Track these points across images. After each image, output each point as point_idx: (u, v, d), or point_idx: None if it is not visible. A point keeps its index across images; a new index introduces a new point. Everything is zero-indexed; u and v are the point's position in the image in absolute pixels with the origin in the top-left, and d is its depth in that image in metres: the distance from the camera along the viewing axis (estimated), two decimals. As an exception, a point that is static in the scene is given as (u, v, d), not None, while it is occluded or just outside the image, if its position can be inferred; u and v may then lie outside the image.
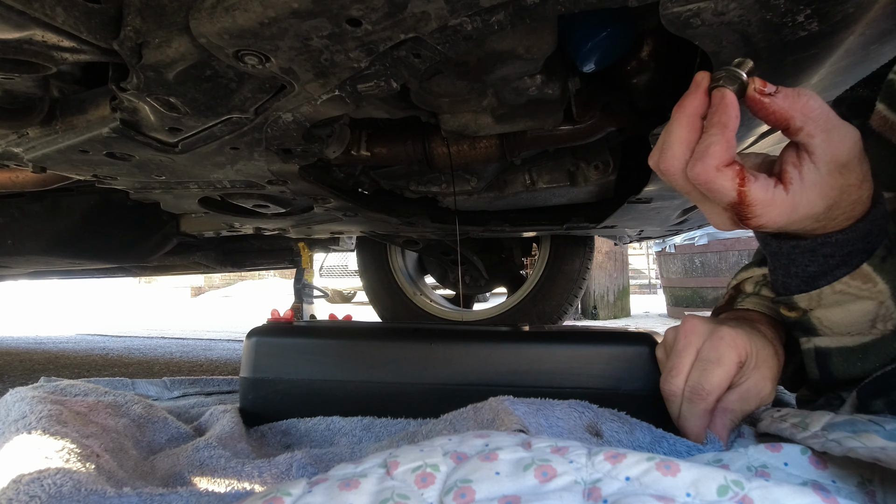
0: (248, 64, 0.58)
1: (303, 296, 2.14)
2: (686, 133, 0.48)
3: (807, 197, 0.48)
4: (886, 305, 0.53)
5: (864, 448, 0.45)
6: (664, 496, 0.38)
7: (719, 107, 0.46)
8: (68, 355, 2.51)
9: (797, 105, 0.46)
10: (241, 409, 0.91)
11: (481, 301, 3.62)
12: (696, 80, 0.48)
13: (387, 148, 0.98)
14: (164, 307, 7.88)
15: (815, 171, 0.47)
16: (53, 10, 0.50)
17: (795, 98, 0.46)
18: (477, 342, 0.90)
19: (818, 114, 0.46)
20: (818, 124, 0.46)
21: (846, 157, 0.47)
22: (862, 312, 0.54)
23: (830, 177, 0.48)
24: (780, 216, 0.48)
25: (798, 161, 0.48)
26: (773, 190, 0.47)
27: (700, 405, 0.59)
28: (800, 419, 0.56)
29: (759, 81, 0.47)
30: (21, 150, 0.81)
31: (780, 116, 0.47)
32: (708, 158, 0.46)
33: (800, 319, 0.58)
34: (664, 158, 0.49)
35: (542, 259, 2.06)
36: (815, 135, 0.46)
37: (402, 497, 0.40)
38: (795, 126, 0.46)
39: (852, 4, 0.48)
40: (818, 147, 0.47)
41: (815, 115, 0.46)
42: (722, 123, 0.46)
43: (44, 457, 0.56)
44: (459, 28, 0.52)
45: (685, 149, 0.48)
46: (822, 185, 0.48)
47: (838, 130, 0.47)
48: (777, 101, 0.46)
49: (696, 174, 0.47)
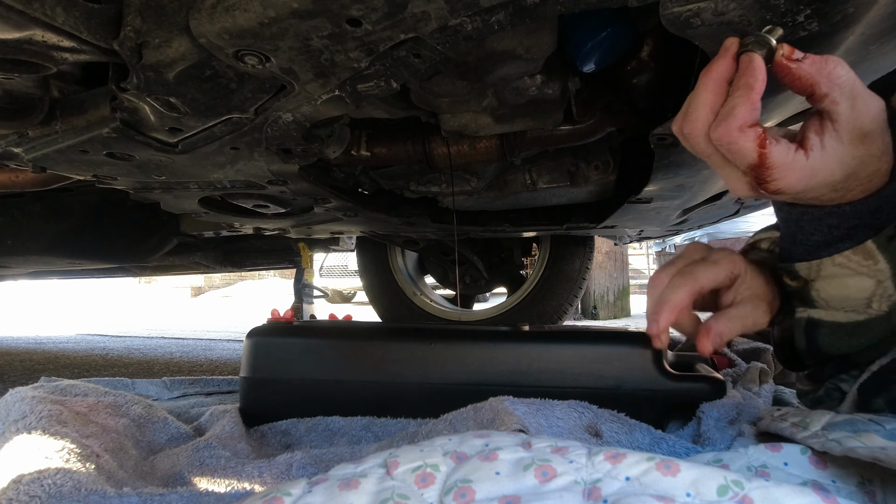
0: (248, 64, 0.58)
1: (303, 296, 2.14)
2: (711, 96, 0.48)
3: (826, 164, 0.47)
4: (885, 285, 0.53)
5: (864, 448, 0.45)
6: (664, 496, 0.38)
7: (747, 69, 0.46)
8: (68, 355, 2.51)
9: (824, 71, 0.46)
10: (241, 409, 0.91)
11: (481, 301, 3.62)
12: (726, 46, 0.48)
13: (387, 148, 0.98)
14: (164, 307, 7.88)
15: (837, 139, 0.47)
16: (53, 10, 0.50)
17: (823, 64, 0.46)
18: (477, 342, 0.90)
19: (844, 80, 0.46)
20: (844, 91, 0.46)
21: (869, 126, 0.47)
22: (859, 289, 0.54)
23: (852, 145, 0.47)
24: (798, 181, 0.48)
25: (821, 128, 0.48)
26: (793, 154, 0.47)
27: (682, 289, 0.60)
28: (800, 419, 0.56)
29: (788, 48, 0.46)
30: (21, 150, 0.81)
31: (807, 82, 0.46)
32: (732, 119, 0.46)
33: (800, 289, 0.58)
34: (688, 121, 0.49)
35: (542, 259, 2.06)
36: (840, 101, 0.46)
37: (402, 497, 0.40)
38: (821, 92, 0.46)
39: (852, 4, 0.48)
40: (842, 114, 0.46)
41: (841, 82, 0.46)
42: (748, 86, 0.46)
43: (44, 457, 0.56)
44: (459, 28, 0.52)
45: (709, 111, 0.48)
46: (843, 154, 0.47)
47: (863, 99, 0.47)
48: (804, 67, 0.46)
49: (719, 135, 0.47)
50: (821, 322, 0.58)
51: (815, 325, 0.59)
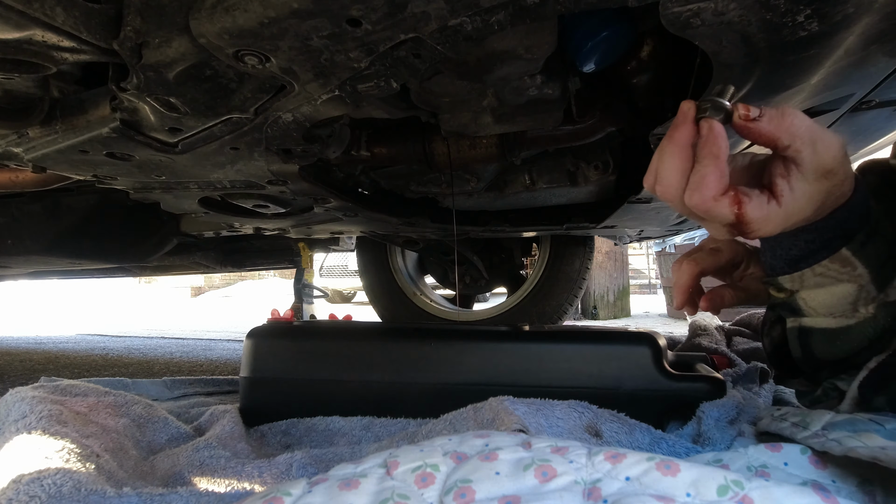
0: (248, 64, 0.58)
1: (303, 296, 2.14)
2: (679, 162, 0.50)
3: (798, 205, 0.50)
4: (867, 289, 0.56)
5: (864, 448, 0.45)
6: (664, 496, 0.38)
7: (708, 138, 0.48)
8: (68, 355, 2.51)
9: (783, 126, 0.48)
10: (241, 409, 0.91)
11: (481, 301, 3.62)
12: (683, 111, 0.50)
13: (387, 148, 0.98)
14: (164, 307, 7.88)
15: (803, 180, 0.50)
16: (53, 10, 0.50)
17: (780, 119, 0.48)
18: (477, 342, 0.90)
19: (803, 130, 0.48)
20: (804, 140, 0.48)
21: (832, 164, 0.50)
22: (843, 295, 0.57)
23: (818, 183, 0.50)
24: (776, 227, 0.51)
25: (786, 172, 0.50)
26: (766, 206, 0.50)
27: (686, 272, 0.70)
28: (800, 418, 0.56)
29: (743, 107, 0.49)
30: (21, 150, 0.81)
31: (768, 138, 0.49)
32: (704, 189, 0.49)
33: (787, 300, 0.61)
34: (661, 187, 0.52)
35: (542, 259, 2.06)
36: (802, 149, 0.49)
37: (402, 497, 0.40)
38: (783, 145, 0.49)
39: (852, 4, 0.48)
40: (805, 159, 0.49)
41: (800, 133, 0.48)
42: (713, 154, 0.48)
43: (44, 457, 0.56)
44: (459, 28, 0.52)
45: (680, 177, 0.50)
46: (811, 192, 0.50)
47: (823, 141, 0.49)
48: (762, 125, 0.49)
49: (694, 204, 0.50)
50: (812, 329, 0.60)
51: (807, 333, 0.61)
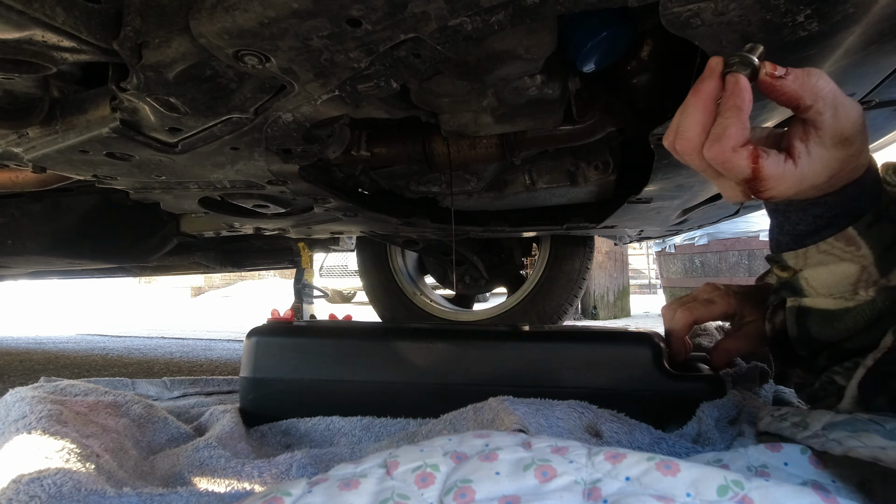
0: (248, 64, 0.58)
1: (303, 296, 2.14)
2: (702, 115, 0.51)
3: (813, 169, 0.51)
4: (869, 270, 0.56)
5: (864, 447, 0.45)
6: (664, 496, 0.38)
7: (734, 90, 0.49)
8: (68, 355, 2.51)
9: (807, 85, 0.49)
10: (241, 409, 0.91)
11: (481, 301, 3.62)
12: (711, 66, 0.51)
13: (387, 148, 0.98)
14: (164, 307, 7.88)
15: (822, 145, 0.50)
16: (53, 10, 0.50)
17: (805, 78, 0.49)
18: (477, 342, 0.90)
19: (826, 92, 0.49)
20: (826, 102, 0.49)
21: (850, 131, 0.50)
22: (845, 275, 0.57)
23: (835, 149, 0.51)
24: (789, 188, 0.52)
25: (805, 136, 0.51)
26: (783, 165, 0.51)
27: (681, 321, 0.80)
28: (800, 419, 0.56)
29: (770, 65, 0.49)
30: (21, 150, 0.81)
31: (791, 97, 0.49)
32: (725, 140, 0.49)
33: (790, 280, 0.61)
34: (681, 140, 0.52)
35: (542, 259, 2.06)
36: (824, 111, 0.49)
37: (402, 497, 0.40)
38: (805, 105, 0.49)
39: (852, 4, 0.48)
40: (826, 122, 0.49)
41: (823, 94, 0.49)
42: (737, 107, 0.49)
43: (44, 457, 0.56)
44: (459, 28, 0.52)
45: (701, 130, 0.51)
46: (828, 158, 0.51)
47: (844, 107, 0.49)
48: (787, 83, 0.49)
49: (713, 155, 0.50)
50: (811, 309, 0.60)
51: (805, 313, 0.61)
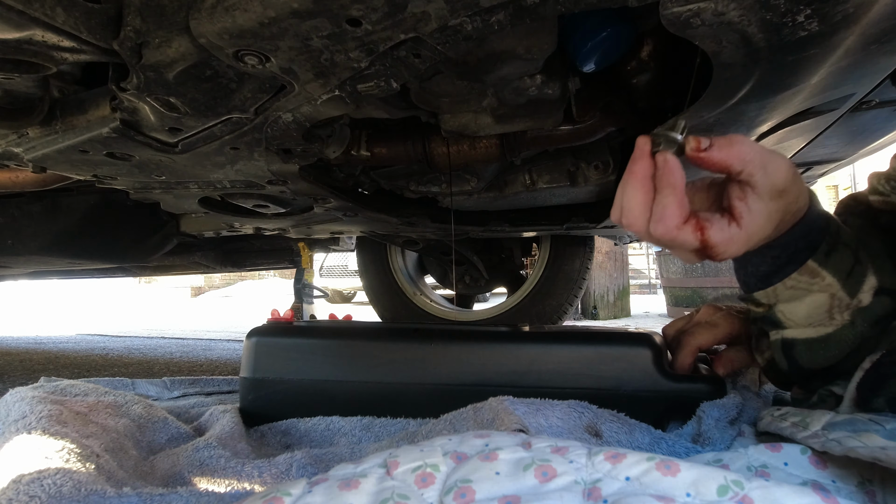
0: (248, 64, 0.58)
1: (303, 296, 2.14)
2: (641, 195, 0.53)
3: (757, 224, 0.53)
4: (839, 297, 0.58)
5: (864, 448, 0.45)
6: (664, 496, 0.38)
7: (664, 170, 0.51)
8: (68, 355, 2.51)
9: (732, 154, 0.51)
10: (241, 409, 0.91)
11: (481, 301, 3.62)
12: (639, 146, 0.53)
13: (387, 148, 0.98)
14: (164, 307, 7.88)
15: (760, 201, 0.52)
16: (53, 10, 0.50)
17: (729, 148, 0.51)
18: (477, 342, 0.90)
19: (752, 155, 0.51)
20: (755, 164, 0.51)
21: (784, 183, 0.52)
22: (817, 304, 0.59)
23: (773, 202, 0.53)
24: (739, 248, 0.54)
25: (743, 195, 0.53)
26: (728, 229, 0.53)
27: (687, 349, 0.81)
28: (800, 418, 0.56)
29: (694, 139, 0.52)
30: (21, 150, 0.81)
31: (721, 167, 0.52)
32: (667, 219, 0.51)
33: (766, 314, 0.63)
34: (627, 219, 0.54)
35: (542, 259, 2.06)
36: (755, 173, 0.51)
37: (402, 497, 0.40)
38: (736, 170, 0.52)
39: (852, 4, 0.48)
40: (759, 181, 0.52)
41: (750, 158, 0.51)
42: (671, 185, 0.51)
43: (44, 457, 0.56)
44: (459, 28, 0.52)
45: (644, 209, 0.53)
46: (769, 211, 0.53)
47: (773, 163, 0.52)
48: (713, 155, 0.51)
49: (659, 234, 0.52)
50: (794, 340, 0.62)
51: (790, 345, 0.63)
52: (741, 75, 0.59)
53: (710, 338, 0.80)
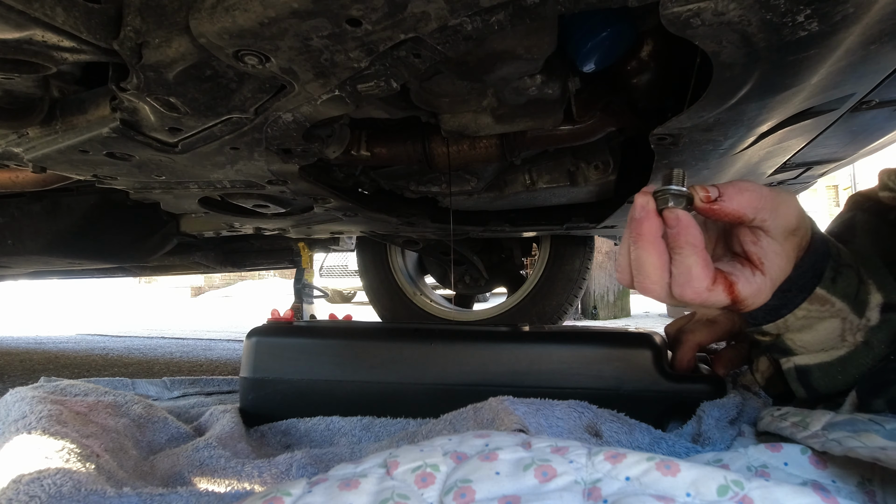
0: (248, 64, 0.58)
1: (303, 296, 2.14)
2: (656, 258, 0.50)
3: (779, 267, 0.53)
4: (850, 320, 0.57)
5: (864, 448, 0.45)
6: (664, 496, 0.38)
7: (680, 229, 0.49)
8: (68, 355, 2.51)
9: (744, 202, 0.50)
10: (241, 409, 0.91)
11: (481, 301, 3.62)
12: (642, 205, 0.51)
13: (387, 148, 0.98)
14: (164, 307, 7.88)
15: (775, 243, 0.52)
16: (53, 10, 0.50)
17: (740, 196, 0.50)
18: (477, 342, 0.90)
19: (764, 202, 0.50)
20: (766, 210, 0.50)
21: (796, 222, 0.53)
22: (829, 330, 0.57)
23: (787, 242, 0.53)
24: (766, 296, 0.53)
25: (756, 239, 0.52)
26: (754, 280, 0.52)
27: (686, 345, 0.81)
28: (800, 418, 0.56)
29: (702, 189, 0.50)
30: (21, 150, 0.81)
31: (734, 216, 0.51)
32: (695, 282, 0.49)
33: (775, 342, 0.61)
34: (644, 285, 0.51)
35: (542, 259, 2.06)
36: (767, 218, 0.51)
37: (402, 497, 0.40)
38: (749, 218, 0.51)
39: (852, 4, 0.48)
40: (772, 226, 0.51)
41: (762, 205, 0.50)
42: (691, 244, 0.49)
43: (44, 457, 0.56)
44: (459, 28, 0.52)
45: (662, 273, 0.50)
46: (785, 251, 0.53)
47: (783, 204, 0.51)
48: (726, 206, 0.50)
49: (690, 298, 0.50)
50: (809, 367, 0.60)
51: (805, 372, 0.60)
52: (741, 75, 0.59)
53: (709, 335, 0.79)
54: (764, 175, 1.06)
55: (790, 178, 1.15)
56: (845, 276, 0.56)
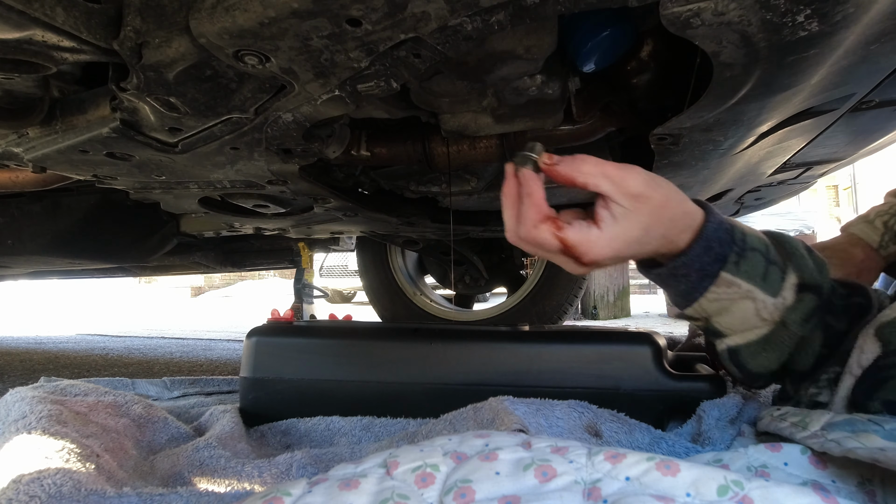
0: (248, 64, 0.58)
1: (303, 296, 2.14)
2: (511, 210, 0.60)
3: (621, 227, 0.57)
4: (761, 300, 0.61)
5: (863, 448, 0.45)
6: (664, 496, 0.38)
7: (523, 183, 0.59)
8: (68, 355, 2.51)
9: (574, 167, 0.57)
10: (241, 409, 0.91)
11: (481, 301, 3.62)
12: (506, 170, 0.60)
13: (387, 148, 0.98)
14: (164, 307, 7.88)
15: (617, 206, 0.57)
16: (53, 10, 0.50)
17: (572, 163, 0.58)
18: (477, 342, 0.90)
19: (593, 171, 0.57)
20: (596, 176, 0.57)
21: (639, 188, 0.57)
22: (744, 311, 0.62)
23: (632, 206, 0.57)
24: (603, 249, 0.58)
25: (605, 203, 0.58)
26: (587, 230, 0.57)
27: None
28: (799, 419, 0.56)
29: (546, 156, 0.59)
30: (21, 150, 0.81)
31: (566, 178, 0.58)
32: (525, 221, 0.58)
33: (707, 327, 0.66)
34: (507, 234, 0.61)
35: (543, 259, 2.06)
36: (600, 184, 0.57)
37: (402, 497, 0.40)
38: (580, 182, 0.58)
39: (852, 4, 0.48)
40: (607, 190, 0.57)
41: (592, 172, 0.57)
42: (528, 193, 0.58)
43: (44, 457, 0.56)
44: (459, 28, 0.52)
45: (514, 221, 0.60)
46: (630, 214, 0.57)
47: (619, 172, 0.57)
48: (560, 169, 0.58)
49: (522, 235, 0.59)
50: (737, 347, 0.65)
51: (734, 352, 0.65)
52: (741, 75, 0.59)
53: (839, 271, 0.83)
54: (764, 175, 1.06)
55: (790, 178, 1.15)
56: (749, 260, 0.60)
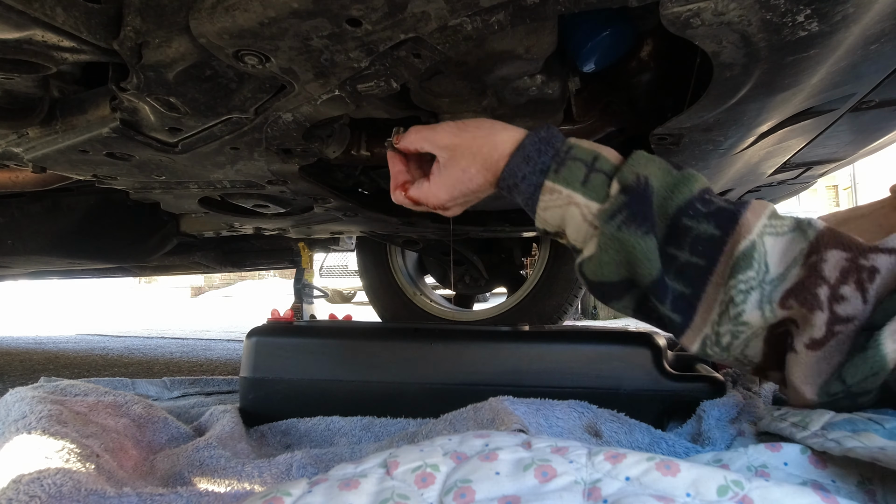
0: (248, 64, 0.58)
1: (303, 296, 2.14)
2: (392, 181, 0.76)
3: (445, 174, 0.69)
4: (584, 204, 0.64)
5: (863, 448, 0.45)
6: (664, 496, 0.38)
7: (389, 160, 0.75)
8: (68, 355, 2.51)
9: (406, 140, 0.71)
10: (241, 409, 0.91)
11: (481, 301, 3.62)
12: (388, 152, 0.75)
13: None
14: (164, 307, 7.88)
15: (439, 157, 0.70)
16: (53, 10, 0.50)
17: (407, 136, 0.72)
18: (477, 342, 0.90)
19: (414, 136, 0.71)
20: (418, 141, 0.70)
21: (445, 140, 0.69)
22: (574, 218, 0.65)
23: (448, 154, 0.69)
24: (437, 195, 0.70)
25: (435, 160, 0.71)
26: (421, 185, 0.71)
27: None
28: (799, 418, 0.56)
29: (395, 138, 0.73)
30: (21, 150, 0.81)
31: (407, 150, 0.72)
32: (392, 188, 0.75)
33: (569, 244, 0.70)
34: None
35: (542, 259, 2.06)
36: (422, 145, 0.70)
37: (402, 497, 0.40)
38: (413, 149, 0.72)
39: (852, 4, 0.48)
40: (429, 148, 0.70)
41: (412, 138, 0.71)
42: (392, 167, 0.75)
43: (44, 457, 0.56)
44: (459, 28, 0.52)
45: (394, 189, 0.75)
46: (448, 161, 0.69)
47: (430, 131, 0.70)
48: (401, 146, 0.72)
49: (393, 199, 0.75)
50: (582, 261, 0.67)
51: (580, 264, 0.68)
52: (741, 75, 0.59)
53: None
54: (764, 175, 1.06)
55: (790, 178, 1.15)
56: (569, 167, 0.65)
